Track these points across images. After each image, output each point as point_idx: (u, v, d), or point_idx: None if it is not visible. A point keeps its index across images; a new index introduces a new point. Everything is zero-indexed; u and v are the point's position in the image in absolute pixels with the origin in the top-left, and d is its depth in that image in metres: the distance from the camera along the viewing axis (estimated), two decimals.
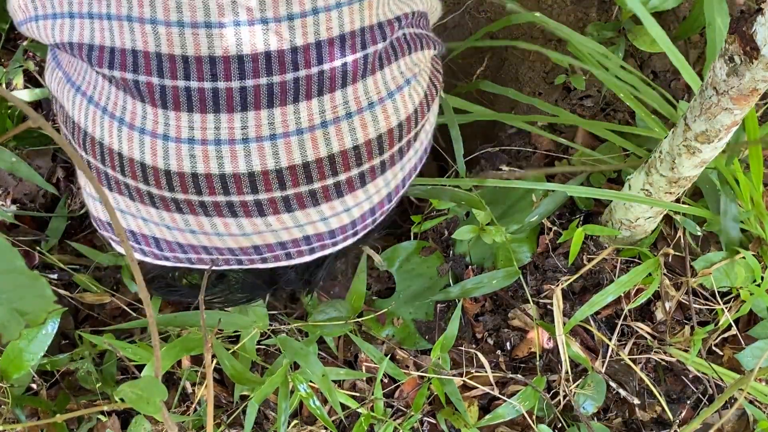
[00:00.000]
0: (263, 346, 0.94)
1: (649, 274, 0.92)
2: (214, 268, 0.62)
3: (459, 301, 0.96)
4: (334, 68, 0.53)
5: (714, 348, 0.96)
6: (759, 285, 0.91)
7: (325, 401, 0.90)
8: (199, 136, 0.52)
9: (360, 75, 0.55)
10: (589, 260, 0.97)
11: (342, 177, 0.56)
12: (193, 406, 0.88)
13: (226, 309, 0.85)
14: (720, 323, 0.93)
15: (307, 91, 0.53)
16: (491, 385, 0.92)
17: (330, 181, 0.56)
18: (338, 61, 0.53)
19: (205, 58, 0.50)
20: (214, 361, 0.85)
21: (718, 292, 0.94)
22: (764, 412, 0.91)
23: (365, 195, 0.59)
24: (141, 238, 0.60)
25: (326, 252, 0.63)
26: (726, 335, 0.96)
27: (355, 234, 0.63)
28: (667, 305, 0.94)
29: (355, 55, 0.54)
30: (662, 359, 0.95)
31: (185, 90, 0.51)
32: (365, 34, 0.54)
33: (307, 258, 0.63)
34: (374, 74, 0.56)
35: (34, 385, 0.88)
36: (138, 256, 0.62)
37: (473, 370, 0.93)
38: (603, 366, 0.93)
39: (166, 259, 0.62)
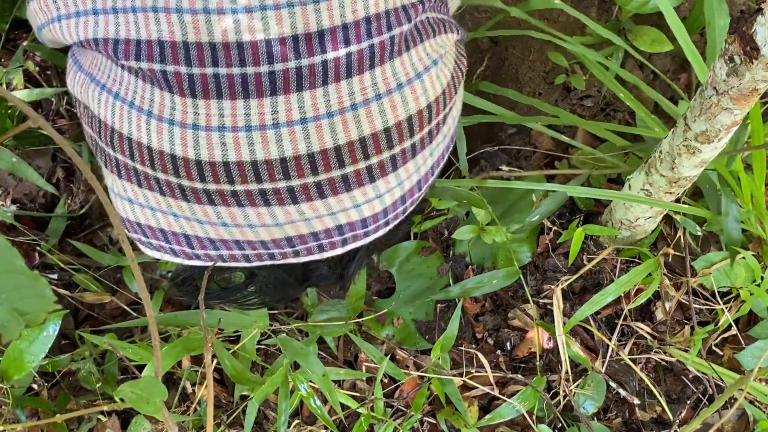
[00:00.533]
0: (263, 346, 0.94)
1: (649, 274, 0.92)
2: (246, 264, 0.61)
3: (459, 301, 0.96)
4: (361, 50, 0.53)
5: (714, 348, 0.96)
6: (759, 285, 0.91)
7: (325, 401, 0.90)
8: (229, 123, 0.52)
9: (387, 56, 0.55)
10: (589, 260, 0.97)
11: (374, 160, 0.56)
12: (193, 406, 0.88)
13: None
14: (720, 323, 0.93)
15: (336, 74, 0.53)
16: (491, 385, 0.92)
17: (362, 165, 0.56)
18: (365, 43, 0.53)
19: (232, 44, 0.50)
20: (215, 361, 0.85)
21: (718, 292, 0.94)
22: (764, 412, 0.91)
23: (396, 180, 0.59)
24: (171, 236, 0.59)
25: (359, 243, 0.63)
26: (726, 335, 0.96)
27: (386, 223, 0.63)
28: (667, 305, 0.94)
29: (382, 36, 0.54)
30: (662, 359, 0.95)
31: (214, 77, 0.51)
32: (390, 16, 0.54)
33: (340, 250, 0.62)
34: (401, 55, 0.56)
35: (34, 386, 0.88)
36: (168, 257, 0.61)
37: (473, 370, 0.93)
38: (603, 366, 0.93)
39: (197, 257, 0.61)
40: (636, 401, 0.92)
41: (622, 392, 0.92)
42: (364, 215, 0.59)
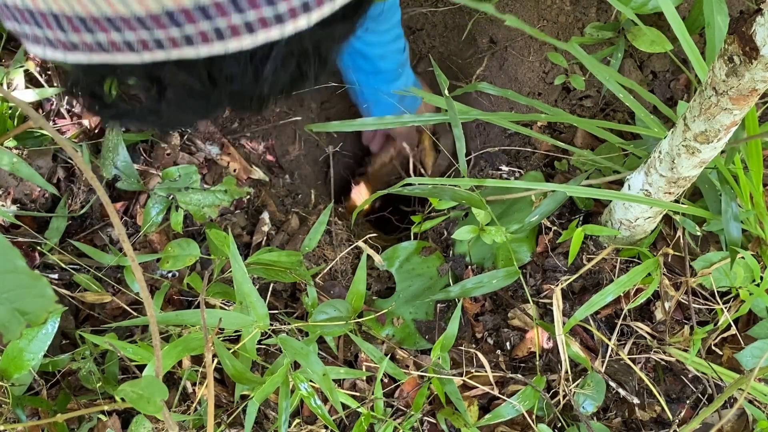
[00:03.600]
0: (264, 346, 0.94)
1: (649, 274, 0.92)
2: (133, 56, 0.51)
3: (459, 300, 0.97)
4: None
5: (713, 348, 0.96)
6: (758, 285, 0.91)
7: (325, 400, 0.90)
8: None
9: None
10: (589, 260, 0.97)
11: None
12: (194, 405, 0.89)
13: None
14: (719, 323, 0.93)
15: None
16: (491, 384, 0.92)
17: None
18: None
19: None
20: (215, 361, 0.85)
21: (718, 292, 0.94)
22: (764, 412, 0.91)
23: None
24: (40, 17, 0.51)
25: (271, 33, 0.49)
26: (725, 335, 0.96)
27: (305, 8, 0.48)
28: (667, 305, 0.94)
29: None
30: (662, 359, 0.95)
31: None
32: None
33: (248, 40, 0.49)
34: None
35: (35, 385, 0.88)
36: (50, 53, 0.52)
37: (473, 370, 0.93)
38: (603, 366, 0.93)
39: (76, 47, 0.51)
40: (635, 401, 0.92)
41: (622, 392, 0.93)
42: None
